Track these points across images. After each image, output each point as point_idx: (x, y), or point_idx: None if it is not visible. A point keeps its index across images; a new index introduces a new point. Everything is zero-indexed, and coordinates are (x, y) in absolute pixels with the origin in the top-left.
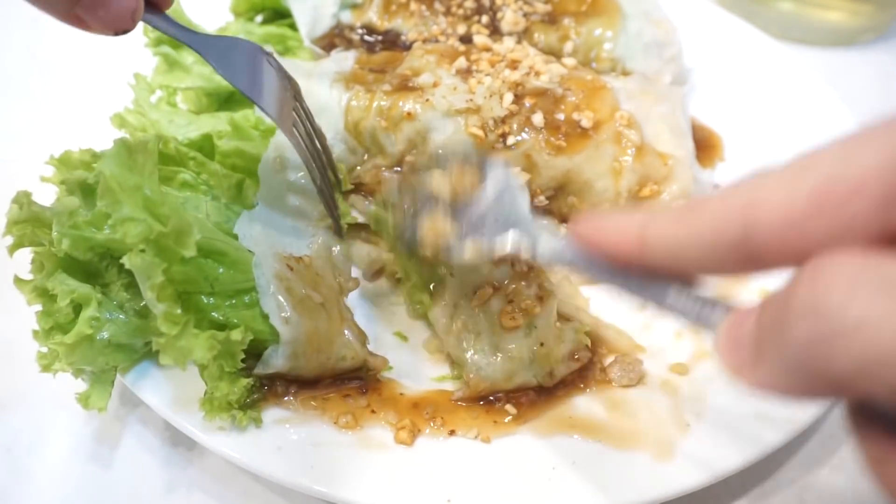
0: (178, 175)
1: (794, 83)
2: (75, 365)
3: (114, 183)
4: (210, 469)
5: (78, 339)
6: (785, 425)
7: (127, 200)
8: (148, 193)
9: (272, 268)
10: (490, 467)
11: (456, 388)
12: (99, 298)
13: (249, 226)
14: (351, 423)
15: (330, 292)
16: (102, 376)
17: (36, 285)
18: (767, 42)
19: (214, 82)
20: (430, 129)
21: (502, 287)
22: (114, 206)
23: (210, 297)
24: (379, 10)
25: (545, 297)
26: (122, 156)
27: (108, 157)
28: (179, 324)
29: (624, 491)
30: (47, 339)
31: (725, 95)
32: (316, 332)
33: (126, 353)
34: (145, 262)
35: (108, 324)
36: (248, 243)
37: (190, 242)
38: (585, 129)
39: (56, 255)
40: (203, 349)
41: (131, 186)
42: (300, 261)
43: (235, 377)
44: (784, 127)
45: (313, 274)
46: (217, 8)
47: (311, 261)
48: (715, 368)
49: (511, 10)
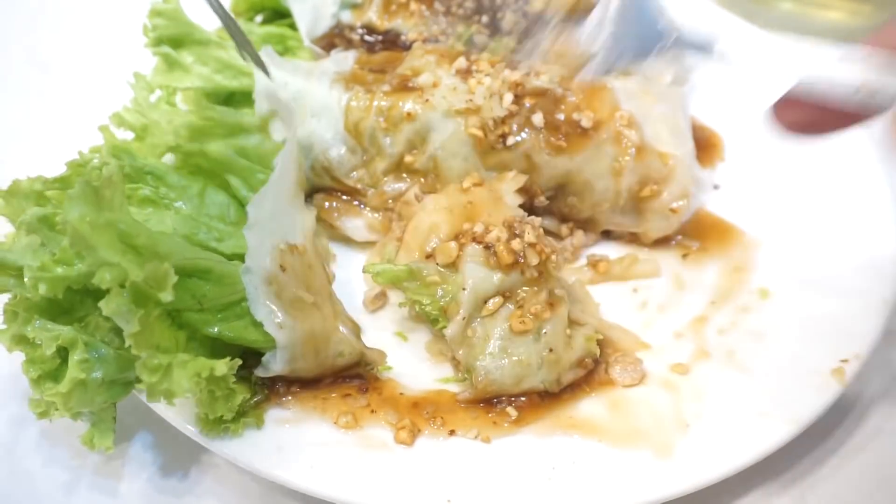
0: (137, 192)
1: (793, 83)
2: (73, 410)
3: (83, 226)
4: (210, 469)
5: (72, 386)
6: (785, 425)
7: (100, 242)
8: (122, 227)
9: (263, 271)
10: (490, 467)
11: (461, 390)
12: (85, 339)
13: (259, 207)
14: (351, 423)
15: (322, 285)
16: (102, 414)
17: (14, 333)
18: (767, 42)
19: (214, 82)
20: (430, 130)
21: (513, 294)
22: (87, 250)
23: (200, 313)
24: (379, 10)
25: (555, 303)
26: (88, 195)
27: (73, 199)
28: (160, 371)
29: (624, 491)
30: (39, 388)
31: (725, 95)
32: (312, 334)
33: (121, 386)
34: (121, 308)
35: (98, 363)
36: (253, 231)
37: (167, 284)
38: (585, 129)
39: (31, 300)
40: (188, 387)
41: (103, 224)
42: (295, 250)
43: (230, 394)
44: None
45: (306, 266)
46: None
47: (304, 249)
48: (715, 368)
49: (511, 10)
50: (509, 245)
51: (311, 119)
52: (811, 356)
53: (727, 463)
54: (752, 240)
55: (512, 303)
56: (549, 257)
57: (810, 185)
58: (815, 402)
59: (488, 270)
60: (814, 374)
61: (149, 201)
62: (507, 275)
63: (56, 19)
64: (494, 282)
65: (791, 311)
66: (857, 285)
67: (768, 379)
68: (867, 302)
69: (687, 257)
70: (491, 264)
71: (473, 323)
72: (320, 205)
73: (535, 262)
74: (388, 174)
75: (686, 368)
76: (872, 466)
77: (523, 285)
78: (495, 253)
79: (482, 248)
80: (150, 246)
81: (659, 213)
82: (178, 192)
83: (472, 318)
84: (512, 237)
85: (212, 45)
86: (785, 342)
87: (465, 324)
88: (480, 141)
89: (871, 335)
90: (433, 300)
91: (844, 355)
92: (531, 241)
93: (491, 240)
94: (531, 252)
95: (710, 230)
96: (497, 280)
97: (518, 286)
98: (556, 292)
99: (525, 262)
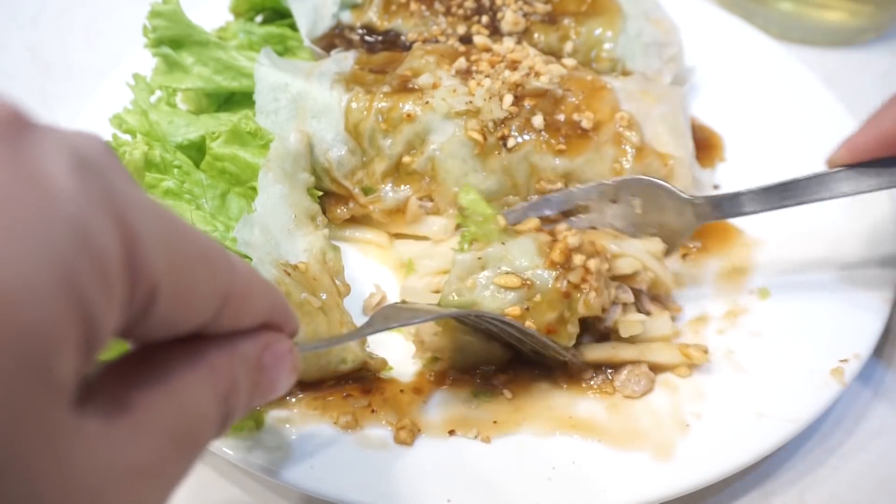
0: (161, 183)
1: (793, 83)
2: None
3: None
4: (210, 469)
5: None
6: (785, 425)
7: None
8: None
9: (270, 273)
10: (490, 467)
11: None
12: None
13: (249, 231)
14: (351, 423)
15: (330, 296)
16: None
17: None
18: (767, 42)
19: (214, 83)
20: (430, 131)
21: (531, 292)
22: None
23: None
24: (379, 11)
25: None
26: None
27: None
28: None
29: (624, 491)
30: None
31: (725, 95)
32: (315, 338)
33: None
34: None
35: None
36: (246, 249)
37: None
38: (586, 131)
39: None
40: None
41: None
42: (296, 268)
43: None
44: (784, 127)
45: (310, 279)
46: (217, 8)
47: (307, 267)
48: (715, 369)
49: (511, 10)
50: (568, 249)
51: (312, 120)
52: (811, 356)
53: (727, 463)
54: (752, 240)
55: (522, 294)
56: (589, 292)
57: None
58: (815, 402)
59: (536, 257)
60: (813, 374)
61: (172, 193)
62: (543, 270)
63: (56, 19)
64: (525, 266)
65: (791, 310)
66: (857, 285)
67: (768, 379)
68: (867, 302)
69: (687, 257)
70: (543, 252)
71: (481, 275)
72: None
73: (573, 279)
74: (387, 176)
75: (686, 368)
76: (872, 466)
77: (545, 294)
78: (552, 245)
79: (550, 238)
80: None
81: None
82: (203, 190)
83: (486, 268)
84: (585, 253)
85: (212, 45)
86: (784, 342)
87: (478, 265)
88: (480, 144)
89: (871, 335)
90: (481, 235)
91: (844, 355)
92: (590, 268)
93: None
94: (579, 271)
95: (710, 230)
96: (530, 261)
97: (541, 290)
98: (568, 329)
99: (567, 269)
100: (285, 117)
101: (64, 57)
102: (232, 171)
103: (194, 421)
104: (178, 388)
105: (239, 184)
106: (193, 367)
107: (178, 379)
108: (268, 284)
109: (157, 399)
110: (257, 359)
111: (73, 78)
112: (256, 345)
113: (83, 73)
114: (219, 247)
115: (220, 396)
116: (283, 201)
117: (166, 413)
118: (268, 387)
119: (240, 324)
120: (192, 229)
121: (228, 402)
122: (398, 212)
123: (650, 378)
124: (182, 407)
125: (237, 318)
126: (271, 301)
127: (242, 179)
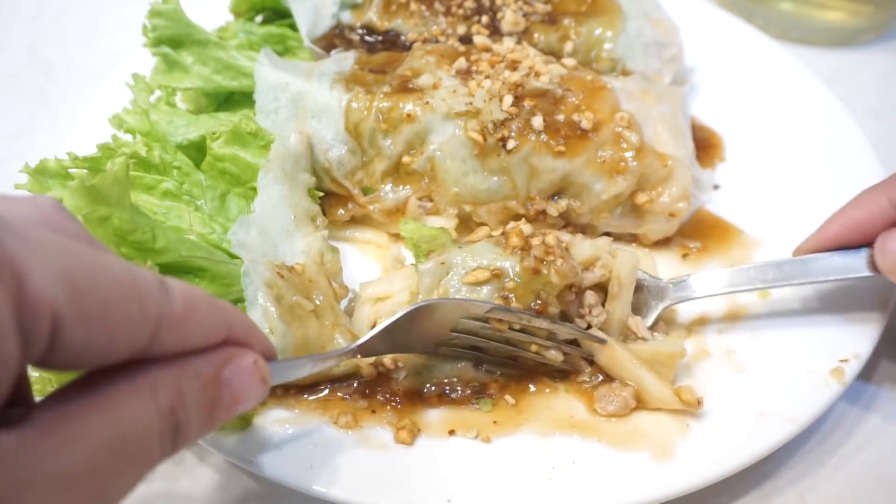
0: (160, 184)
1: (793, 83)
2: None
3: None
4: (210, 469)
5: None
6: (785, 425)
7: (94, 236)
8: (118, 223)
9: (262, 275)
10: (490, 467)
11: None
12: None
13: (245, 232)
14: (351, 423)
15: (325, 298)
16: None
17: None
18: (767, 42)
19: (214, 83)
20: (430, 132)
21: (501, 277)
22: None
23: None
24: (379, 11)
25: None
26: (83, 190)
27: (71, 193)
28: None
29: (623, 491)
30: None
31: (725, 95)
32: (305, 341)
33: None
34: None
35: None
36: (241, 251)
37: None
38: (585, 131)
39: None
40: None
41: (97, 219)
42: (292, 270)
43: None
44: (784, 127)
45: (306, 281)
46: (217, 8)
47: (303, 268)
48: (714, 368)
49: (511, 10)
50: (523, 234)
51: (312, 120)
52: (810, 356)
53: (727, 463)
54: (752, 240)
55: (496, 286)
56: (555, 261)
57: (810, 185)
58: (815, 402)
59: (493, 246)
60: (813, 374)
61: (170, 195)
62: (507, 258)
63: (56, 19)
64: (489, 261)
65: (790, 310)
66: (857, 285)
67: (768, 379)
68: (867, 302)
69: (687, 257)
70: (501, 244)
71: (449, 278)
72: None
73: (537, 254)
74: (387, 176)
75: (685, 368)
76: (872, 466)
77: (516, 276)
78: (508, 235)
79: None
80: (146, 242)
81: (659, 216)
82: (202, 191)
83: (451, 270)
84: (534, 235)
85: (211, 45)
86: (784, 342)
87: (442, 269)
88: (480, 144)
89: (870, 335)
90: (436, 245)
91: (844, 355)
92: (549, 243)
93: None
94: (540, 247)
95: (710, 230)
96: (492, 256)
97: (511, 274)
98: (550, 310)
99: (527, 250)
100: (285, 117)
101: (64, 57)
102: (232, 171)
103: (130, 432)
104: (113, 403)
105: (239, 184)
106: (133, 384)
107: (115, 395)
108: (220, 305)
109: (90, 413)
110: (214, 374)
111: (73, 78)
112: (212, 361)
113: (83, 73)
114: (148, 274)
115: (164, 410)
116: (283, 202)
117: (99, 425)
118: (231, 399)
119: (188, 344)
120: (107, 262)
121: (176, 415)
122: (398, 212)
123: (626, 404)
124: (116, 419)
125: (183, 339)
126: (227, 320)
127: (243, 180)
